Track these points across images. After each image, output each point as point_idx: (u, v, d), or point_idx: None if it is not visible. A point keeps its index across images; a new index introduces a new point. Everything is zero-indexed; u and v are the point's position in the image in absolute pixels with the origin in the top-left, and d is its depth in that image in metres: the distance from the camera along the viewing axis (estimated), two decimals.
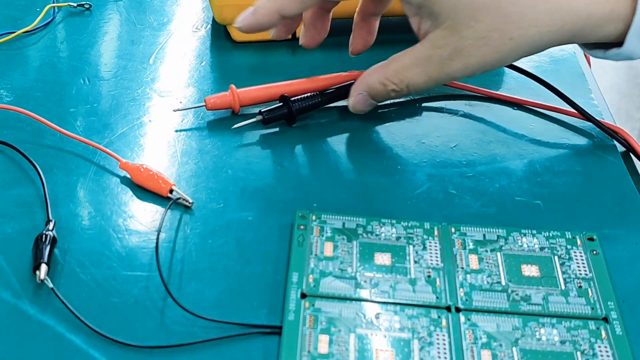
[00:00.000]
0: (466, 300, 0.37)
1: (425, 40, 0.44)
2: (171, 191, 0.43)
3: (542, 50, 0.43)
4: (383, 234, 0.40)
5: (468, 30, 0.42)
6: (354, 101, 0.47)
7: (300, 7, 0.45)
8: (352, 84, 0.49)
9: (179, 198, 0.42)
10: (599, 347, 0.35)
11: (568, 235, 0.40)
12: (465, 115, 0.50)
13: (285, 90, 0.49)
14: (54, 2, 0.60)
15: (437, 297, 0.37)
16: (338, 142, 0.48)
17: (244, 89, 0.49)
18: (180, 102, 0.51)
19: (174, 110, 0.49)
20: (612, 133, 0.48)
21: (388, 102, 0.51)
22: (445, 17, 0.42)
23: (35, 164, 0.44)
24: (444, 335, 0.35)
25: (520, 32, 0.41)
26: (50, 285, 0.37)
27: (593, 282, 0.38)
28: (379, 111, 0.50)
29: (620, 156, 0.47)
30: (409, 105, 0.51)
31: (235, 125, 0.47)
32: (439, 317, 0.36)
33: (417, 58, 0.44)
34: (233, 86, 0.49)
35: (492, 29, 0.41)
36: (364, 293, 0.37)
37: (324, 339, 0.35)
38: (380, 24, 0.51)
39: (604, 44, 0.44)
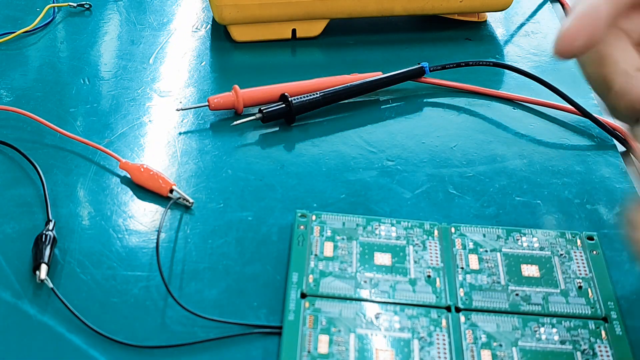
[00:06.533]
0: (466, 300, 0.37)
1: None
2: (171, 191, 0.43)
3: None
4: (383, 234, 0.40)
5: None
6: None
7: None
8: (354, 85, 0.49)
9: (179, 198, 0.42)
10: (599, 347, 0.35)
11: (568, 235, 0.40)
12: (466, 115, 0.50)
13: (289, 91, 0.49)
14: (54, 2, 0.60)
15: (437, 297, 0.37)
16: (338, 142, 0.48)
17: (247, 89, 0.49)
18: (180, 102, 0.51)
19: (177, 110, 0.49)
20: (611, 130, 0.48)
21: (388, 99, 0.51)
22: None
23: (35, 164, 0.44)
24: (443, 335, 0.35)
25: None
26: (50, 285, 0.37)
27: (593, 282, 0.38)
28: (380, 108, 0.50)
29: (620, 156, 0.47)
30: (409, 104, 0.51)
31: (235, 123, 0.47)
32: (438, 317, 0.36)
33: None
34: (237, 86, 0.49)
35: None
36: (364, 293, 0.37)
37: (324, 339, 0.35)
38: (380, 24, 0.50)
39: None
